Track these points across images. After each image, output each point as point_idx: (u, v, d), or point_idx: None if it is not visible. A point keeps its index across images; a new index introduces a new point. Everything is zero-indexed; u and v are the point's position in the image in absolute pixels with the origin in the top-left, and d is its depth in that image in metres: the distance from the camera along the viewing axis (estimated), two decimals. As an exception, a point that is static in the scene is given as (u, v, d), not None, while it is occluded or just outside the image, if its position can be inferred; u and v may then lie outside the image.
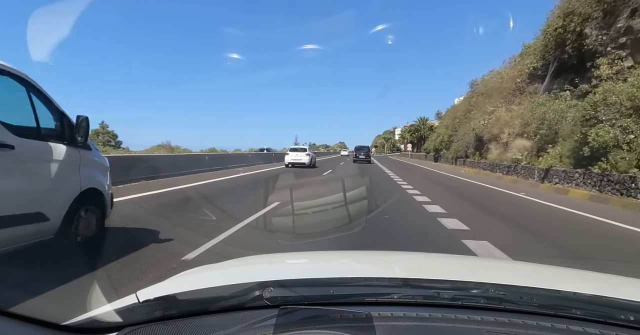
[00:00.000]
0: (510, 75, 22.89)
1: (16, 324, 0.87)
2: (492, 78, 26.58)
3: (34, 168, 3.29)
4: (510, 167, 17.72)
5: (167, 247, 4.08)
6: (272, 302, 0.96)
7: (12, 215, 2.99)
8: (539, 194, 11.33)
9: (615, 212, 8.03)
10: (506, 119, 20.51)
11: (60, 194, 3.50)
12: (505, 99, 22.11)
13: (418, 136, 66.45)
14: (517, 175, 16.64)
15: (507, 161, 18.50)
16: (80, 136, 3.72)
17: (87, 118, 3.74)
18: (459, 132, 29.45)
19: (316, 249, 3.58)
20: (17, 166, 3.10)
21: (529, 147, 16.83)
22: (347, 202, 5.23)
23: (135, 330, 0.88)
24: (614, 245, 5.22)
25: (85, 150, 3.88)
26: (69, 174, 3.61)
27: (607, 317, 0.89)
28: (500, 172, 18.79)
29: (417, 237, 5.06)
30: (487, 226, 6.00)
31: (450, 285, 1.09)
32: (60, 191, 3.50)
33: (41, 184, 3.33)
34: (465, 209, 7.74)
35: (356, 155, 34.90)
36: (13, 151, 3.02)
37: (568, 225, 6.47)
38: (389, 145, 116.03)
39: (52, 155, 3.45)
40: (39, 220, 3.22)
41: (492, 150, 21.10)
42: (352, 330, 0.82)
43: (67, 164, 3.57)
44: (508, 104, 21.69)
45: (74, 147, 3.68)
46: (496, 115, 21.58)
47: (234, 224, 5.21)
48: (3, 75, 3.13)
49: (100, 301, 1.26)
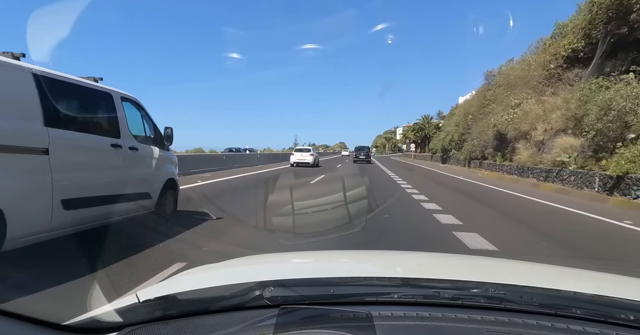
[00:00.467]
0: (539, 61, 18.58)
1: (17, 324, 0.87)
2: (516, 66, 22.33)
3: (145, 163, 5.07)
4: (550, 171, 13.69)
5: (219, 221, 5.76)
6: (272, 301, 0.96)
7: (133, 193, 4.65)
8: (618, 213, 7.67)
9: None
10: (538, 112, 16.77)
11: (157, 181, 5.23)
12: (535, 89, 18.36)
13: (422, 135, 62.88)
14: (562, 182, 12.72)
15: (544, 164, 14.54)
16: (166, 141, 5.51)
17: (171, 128, 5.48)
18: (473, 130, 25.68)
19: (316, 248, 3.58)
20: (138, 162, 4.87)
21: (577, 146, 12.87)
22: (347, 201, 5.23)
23: (135, 330, 0.88)
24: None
25: (167, 151, 5.64)
26: (161, 168, 5.37)
27: (607, 317, 0.89)
28: (535, 177, 14.85)
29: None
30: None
31: (451, 285, 1.09)
32: (157, 179, 5.24)
33: (148, 173, 5.08)
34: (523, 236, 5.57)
35: (356, 155, 35.15)
36: (137, 152, 4.77)
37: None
38: (390, 145, 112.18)
39: (153, 155, 5.20)
40: (147, 197, 4.97)
41: (521, 150, 17.03)
42: (352, 330, 0.82)
43: (160, 161, 5.33)
44: (539, 94, 17.95)
45: (162, 149, 5.44)
46: (524, 109, 17.90)
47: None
48: (128, 101, 4.84)
49: (100, 301, 1.27)
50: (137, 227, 4.80)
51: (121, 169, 4.54)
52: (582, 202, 9.60)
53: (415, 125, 67.84)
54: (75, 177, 3.81)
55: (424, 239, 5.14)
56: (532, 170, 15.34)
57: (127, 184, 4.58)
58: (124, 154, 4.56)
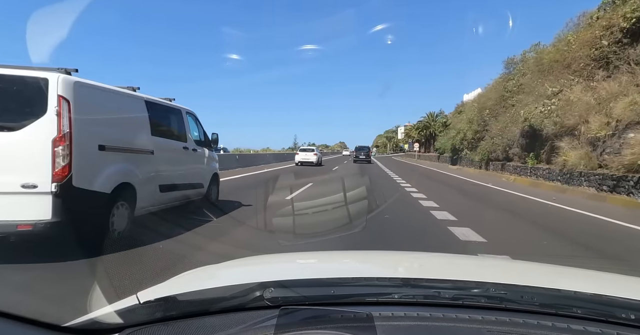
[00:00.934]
0: (583, 38, 15.10)
1: (17, 326, 0.87)
2: (551, 48, 18.31)
3: (201, 161, 6.68)
4: (623, 179, 9.55)
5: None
6: (272, 302, 0.96)
7: (193, 182, 6.24)
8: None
9: None
10: (588, 101, 12.81)
11: (207, 174, 6.87)
12: (580, 74, 14.74)
13: (426, 134, 57.20)
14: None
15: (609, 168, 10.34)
16: (213, 144, 7.32)
17: (217, 134, 7.37)
18: (491, 126, 21.80)
19: (317, 249, 3.58)
20: (197, 159, 6.51)
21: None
22: (347, 202, 5.22)
23: (136, 332, 0.88)
24: None
25: (212, 152, 7.33)
26: (209, 164, 7.02)
27: (608, 316, 0.89)
28: (592, 186, 10.80)
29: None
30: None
31: (451, 285, 1.09)
32: (207, 173, 6.88)
33: (203, 168, 6.70)
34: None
35: (356, 155, 35.35)
36: (196, 152, 6.42)
37: None
38: (391, 145, 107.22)
39: (205, 155, 6.83)
40: (201, 187, 6.58)
41: (566, 150, 12.74)
42: (353, 330, 0.82)
43: (209, 159, 6.99)
44: (586, 79, 14.23)
45: (210, 150, 7.13)
46: (566, 98, 13.98)
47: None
48: (189, 114, 6.55)
49: (100, 302, 1.27)
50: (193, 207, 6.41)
51: (187, 165, 6.19)
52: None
53: (419, 124, 62.24)
54: (165, 170, 5.40)
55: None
56: (588, 177, 11.19)
57: (191, 176, 6.24)
58: (189, 154, 6.22)
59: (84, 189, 3.82)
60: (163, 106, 5.82)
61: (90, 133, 4.03)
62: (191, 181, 6.20)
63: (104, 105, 4.41)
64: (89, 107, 4.07)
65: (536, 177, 15.02)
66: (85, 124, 3.93)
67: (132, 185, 4.57)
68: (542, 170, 14.66)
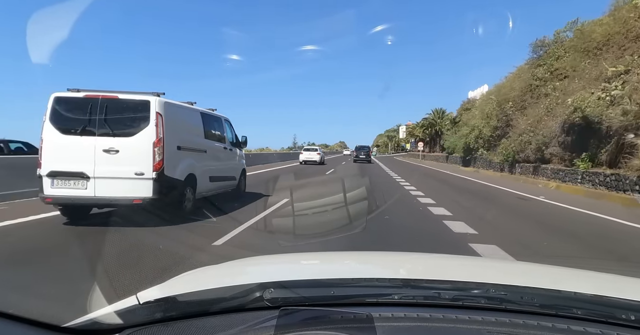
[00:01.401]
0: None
1: (17, 326, 0.87)
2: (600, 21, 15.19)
3: (234, 158, 8.21)
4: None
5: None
6: (272, 303, 0.95)
7: (230, 176, 7.86)
8: None
9: None
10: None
11: (238, 169, 8.44)
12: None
13: (432, 133, 53.02)
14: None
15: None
16: (242, 144, 8.85)
17: (246, 137, 8.87)
18: (517, 121, 18.33)
19: (317, 249, 3.58)
20: (232, 157, 8.04)
21: None
22: (348, 202, 5.22)
23: (135, 332, 0.88)
24: None
25: (241, 151, 8.87)
26: (240, 161, 8.60)
27: (608, 317, 0.89)
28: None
29: None
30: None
31: (451, 286, 1.09)
32: (238, 168, 8.45)
33: (235, 164, 8.23)
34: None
35: (357, 155, 35.43)
36: (231, 151, 8.01)
37: None
38: (393, 144, 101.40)
39: (237, 153, 8.40)
40: (234, 179, 8.13)
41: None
42: (353, 331, 0.82)
43: (239, 157, 8.56)
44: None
45: (240, 149, 8.68)
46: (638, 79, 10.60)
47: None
48: (226, 121, 8.16)
49: (100, 303, 1.27)
50: (229, 195, 7.99)
51: (226, 162, 7.80)
52: None
53: (424, 121, 56.94)
54: (213, 165, 7.08)
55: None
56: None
57: (228, 171, 7.86)
58: (227, 153, 7.88)
59: (170, 177, 5.48)
60: (210, 115, 7.44)
61: (173, 137, 5.59)
62: (228, 174, 7.88)
63: (178, 117, 6.02)
64: (172, 119, 5.62)
65: (592, 185, 11.13)
66: (171, 130, 5.50)
67: (195, 176, 6.19)
68: (603, 176, 10.65)
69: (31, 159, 6.63)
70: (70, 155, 5.23)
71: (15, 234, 4.86)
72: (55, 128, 5.27)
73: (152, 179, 5.19)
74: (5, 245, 4.42)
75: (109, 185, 5.19)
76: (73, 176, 5.17)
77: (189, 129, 6.39)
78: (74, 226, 5.24)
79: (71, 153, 5.24)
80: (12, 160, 8.84)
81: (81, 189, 5.16)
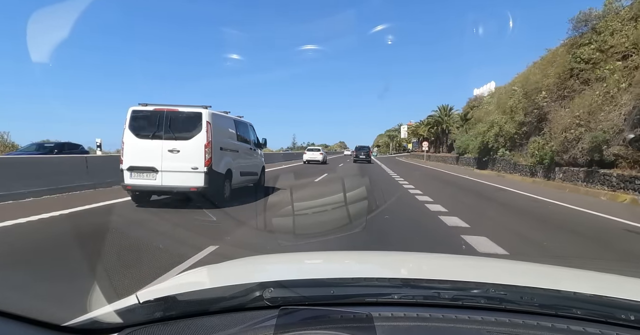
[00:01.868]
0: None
1: (17, 325, 0.87)
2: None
3: (257, 157, 9.92)
4: None
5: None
6: (272, 302, 0.96)
7: (253, 171, 9.64)
8: None
9: None
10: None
11: (259, 166, 10.05)
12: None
13: (437, 131, 49.96)
14: None
15: None
16: (263, 145, 10.58)
17: (265, 139, 10.84)
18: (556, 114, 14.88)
19: (317, 249, 3.58)
20: (255, 156, 9.76)
21: None
22: (347, 202, 5.21)
23: (135, 331, 0.88)
24: None
25: (261, 150, 10.36)
26: (260, 159, 10.21)
27: (607, 317, 0.89)
28: None
29: None
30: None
31: (451, 286, 1.09)
32: (259, 165, 10.06)
33: (257, 162, 9.93)
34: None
35: (356, 155, 35.63)
36: (254, 151, 9.77)
37: None
38: (394, 144, 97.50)
39: (258, 153, 10.08)
40: (256, 175, 9.84)
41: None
42: (352, 331, 0.82)
43: (260, 156, 10.19)
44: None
45: (260, 149, 10.29)
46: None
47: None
48: (250, 126, 9.87)
49: (100, 302, 1.27)
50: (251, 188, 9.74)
51: (251, 160, 9.38)
52: None
53: (429, 119, 52.92)
54: (243, 162, 8.60)
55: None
56: None
57: (252, 167, 9.41)
58: (251, 153, 9.44)
59: (216, 170, 7.08)
60: (240, 122, 9.04)
61: (217, 140, 7.21)
62: (253, 170, 9.51)
63: (220, 124, 7.64)
64: (216, 126, 7.28)
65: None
66: (216, 135, 7.14)
67: (231, 171, 7.86)
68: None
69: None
70: (144, 154, 6.86)
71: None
72: (132, 134, 6.93)
73: (204, 172, 6.82)
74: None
75: (172, 176, 6.82)
76: (146, 170, 6.84)
77: (227, 133, 8.03)
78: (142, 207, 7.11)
79: (144, 152, 6.87)
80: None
81: (152, 179, 6.84)
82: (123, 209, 6.92)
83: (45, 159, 10.22)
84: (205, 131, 6.85)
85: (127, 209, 6.86)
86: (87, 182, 9.18)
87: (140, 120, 7.02)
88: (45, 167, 8.68)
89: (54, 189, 8.19)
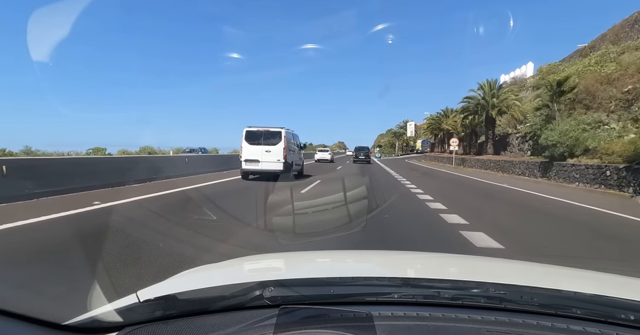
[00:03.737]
0: None
1: (18, 324, 0.87)
2: None
3: (300, 155, 16.72)
4: None
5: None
6: (272, 301, 0.96)
7: (299, 164, 16.48)
8: None
9: None
10: None
11: (301, 160, 16.86)
12: None
13: (474, 123, 31.66)
14: None
15: None
16: (303, 148, 17.96)
17: (305, 143, 18.97)
18: None
19: (317, 248, 3.58)
20: (299, 154, 16.56)
21: None
22: (347, 201, 5.21)
23: (135, 330, 0.88)
24: None
25: (302, 151, 17.38)
26: (301, 156, 17.10)
27: (607, 317, 0.89)
28: None
29: None
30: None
31: (451, 285, 1.09)
32: (300, 160, 16.79)
33: (300, 158, 16.80)
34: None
35: (356, 155, 35.66)
36: (299, 151, 16.55)
37: None
38: (400, 144, 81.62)
39: (300, 152, 16.69)
40: (300, 166, 16.50)
41: None
42: (352, 330, 0.82)
43: (301, 154, 16.98)
44: None
45: (300, 150, 16.94)
46: None
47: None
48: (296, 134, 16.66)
49: (100, 301, 1.27)
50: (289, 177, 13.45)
51: (299, 156, 15.83)
52: None
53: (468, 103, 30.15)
54: (295, 158, 15.04)
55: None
56: None
57: (298, 161, 15.60)
58: (299, 152, 16.02)
59: (287, 162, 13.22)
60: (294, 134, 14.97)
61: (287, 145, 13.29)
62: (299, 163, 15.53)
63: (288, 136, 13.65)
64: (287, 137, 13.42)
65: None
66: (287, 143, 13.31)
67: (293, 162, 13.99)
68: None
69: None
70: (252, 152, 12.93)
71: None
72: (246, 142, 13.05)
73: (283, 162, 12.91)
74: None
75: (267, 164, 12.90)
76: (253, 161, 12.94)
77: (291, 141, 14.04)
78: (248, 181, 12.76)
79: (252, 152, 12.94)
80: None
81: (257, 166, 12.93)
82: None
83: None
84: (283, 141, 13.01)
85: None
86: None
87: (250, 134, 13.17)
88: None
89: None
